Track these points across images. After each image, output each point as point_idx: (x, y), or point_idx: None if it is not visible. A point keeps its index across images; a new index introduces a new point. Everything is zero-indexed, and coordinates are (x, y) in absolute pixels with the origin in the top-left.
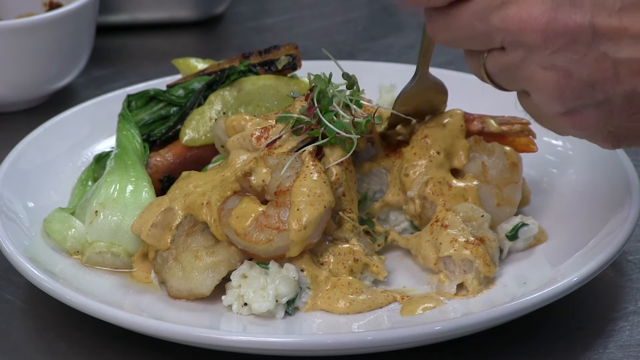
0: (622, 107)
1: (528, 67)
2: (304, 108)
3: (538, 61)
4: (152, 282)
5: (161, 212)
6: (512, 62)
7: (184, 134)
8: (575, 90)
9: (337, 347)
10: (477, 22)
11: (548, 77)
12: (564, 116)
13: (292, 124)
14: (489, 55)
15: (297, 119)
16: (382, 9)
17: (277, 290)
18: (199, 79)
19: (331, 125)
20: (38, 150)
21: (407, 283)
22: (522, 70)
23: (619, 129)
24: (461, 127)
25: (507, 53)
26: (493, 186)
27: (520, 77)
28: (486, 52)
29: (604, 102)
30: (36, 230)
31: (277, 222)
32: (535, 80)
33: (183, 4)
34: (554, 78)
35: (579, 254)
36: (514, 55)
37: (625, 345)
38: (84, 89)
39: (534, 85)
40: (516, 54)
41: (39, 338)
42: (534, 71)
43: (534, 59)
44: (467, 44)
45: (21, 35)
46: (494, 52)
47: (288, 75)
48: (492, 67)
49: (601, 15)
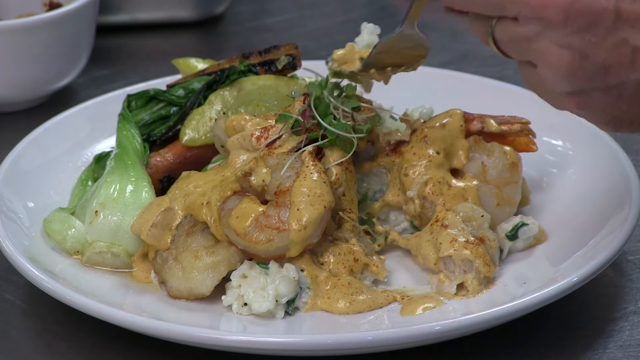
0: (633, 93)
1: (542, 41)
2: (302, 109)
3: (554, 38)
4: (152, 282)
5: (161, 212)
6: (525, 35)
7: (184, 134)
8: (588, 73)
9: (337, 347)
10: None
11: (563, 56)
12: (570, 95)
13: (291, 124)
14: (499, 22)
15: (297, 119)
16: (382, 9)
17: (277, 290)
18: (199, 79)
19: (331, 128)
20: (38, 150)
21: (407, 283)
22: (534, 44)
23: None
24: (461, 127)
25: (521, 25)
26: (493, 186)
27: (531, 50)
28: (496, 18)
29: (615, 87)
30: (36, 230)
31: (277, 222)
32: (548, 56)
33: (183, 4)
34: (568, 57)
35: (579, 254)
36: (528, 29)
37: (625, 345)
38: (84, 89)
39: (545, 61)
40: (531, 28)
41: (39, 338)
42: (548, 47)
43: (551, 35)
44: (476, 7)
45: (21, 35)
46: (506, 20)
47: (288, 75)
48: (500, 34)
49: (626, 0)
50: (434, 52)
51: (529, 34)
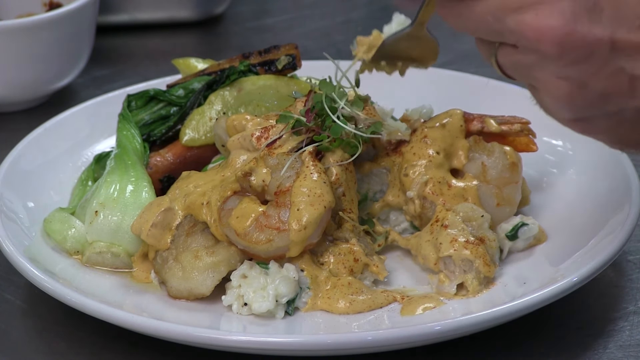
0: (634, 117)
1: (540, 71)
2: (304, 110)
3: (551, 69)
4: (152, 282)
5: (161, 212)
6: (524, 63)
7: (184, 134)
8: (587, 101)
9: (337, 347)
10: (491, 18)
11: (560, 86)
12: (573, 122)
13: (292, 124)
14: (501, 47)
15: (298, 119)
16: (382, 9)
17: (277, 290)
18: (199, 79)
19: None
20: (38, 150)
21: (407, 283)
22: (533, 72)
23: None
24: (461, 127)
25: (520, 52)
26: (493, 186)
27: (532, 77)
28: (498, 43)
29: (616, 113)
30: (36, 230)
31: (278, 222)
32: (547, 85)
33: (183, 4)
34: (566, 88)
35: (579, 254)
36: (527, 57)
37: (625, 345)
38: (84, 89)
39: (544, 89)
40: (529, 57)
41: (39, 338)
42: (546, 77)
43: (548, 66)
44: (478, 34)
45: (21, 35)
46: (507, 47)
47: (288, 75)
48: (503, 59)
49: (621, 30)
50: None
51: (528, 62)
